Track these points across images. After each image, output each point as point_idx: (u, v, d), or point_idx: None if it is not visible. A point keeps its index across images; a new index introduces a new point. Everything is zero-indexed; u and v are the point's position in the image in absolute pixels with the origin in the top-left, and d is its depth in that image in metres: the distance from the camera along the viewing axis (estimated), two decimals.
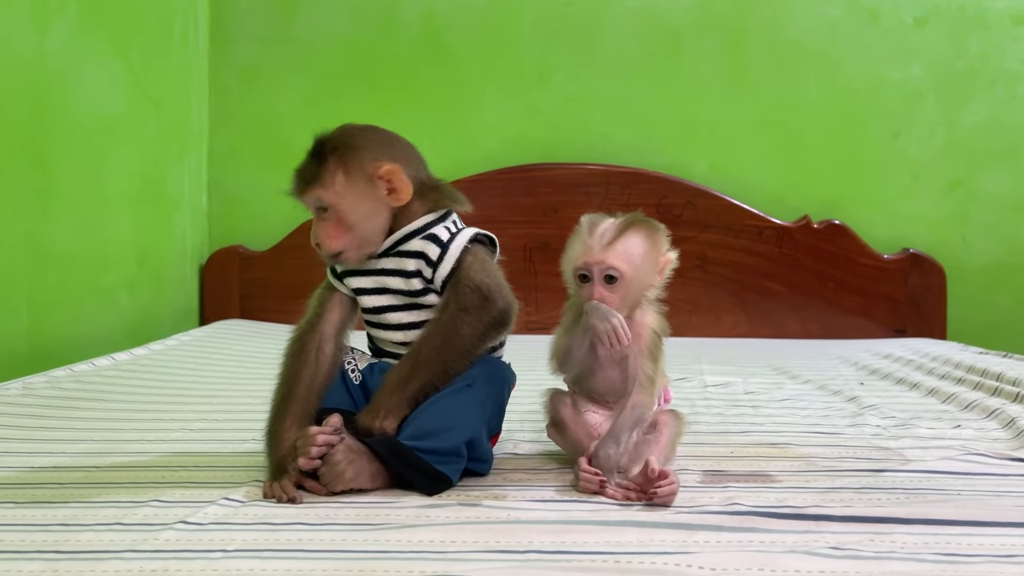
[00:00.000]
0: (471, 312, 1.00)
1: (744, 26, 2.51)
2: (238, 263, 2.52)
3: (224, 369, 1.81)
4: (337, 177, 1.02)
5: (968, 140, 2.48)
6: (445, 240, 1.03)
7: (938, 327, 2.42)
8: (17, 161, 1.78)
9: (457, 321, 1.00)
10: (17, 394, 1.44)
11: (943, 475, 1.00)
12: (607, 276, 1.00)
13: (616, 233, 1.01)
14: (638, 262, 1.01)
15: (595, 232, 1.01)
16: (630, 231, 1.01)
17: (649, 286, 1.04)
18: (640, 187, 2.46)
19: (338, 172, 1.02)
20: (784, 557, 0.73)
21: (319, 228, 1.03)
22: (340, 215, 1.02)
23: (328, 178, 1.02)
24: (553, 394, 1.08)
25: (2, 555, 0.76)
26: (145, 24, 2.24)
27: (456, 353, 1.00)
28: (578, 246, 1.02)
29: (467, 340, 1.00)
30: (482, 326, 1.01)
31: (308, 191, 1.03)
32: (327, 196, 1.02)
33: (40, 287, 1.84)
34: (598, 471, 0.94)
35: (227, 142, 2.58)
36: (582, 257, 1.00)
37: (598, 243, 1.00)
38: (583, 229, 1.03)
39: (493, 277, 1.03)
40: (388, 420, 0.97)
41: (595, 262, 1.00)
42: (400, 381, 0.99)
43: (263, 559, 0.74)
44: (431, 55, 2.54)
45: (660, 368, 1.04)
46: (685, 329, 2.39)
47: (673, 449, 1.04)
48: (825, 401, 1.50)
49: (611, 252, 1.00)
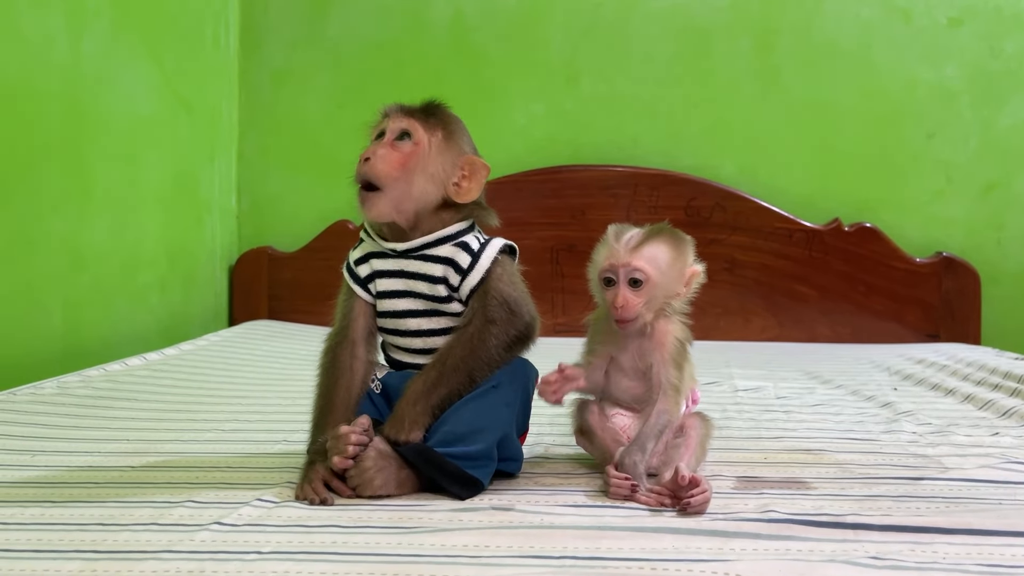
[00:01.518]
0: (498, 324, 1.00)
1: (775, 26, 2.49)
2: (267, 264, 2.54)
3: (254, 370, 1.82)
4: (438, 132, 1.03)
5: (1004, 142, 2.44)
6: (476, 249, 1.03)
7: (972, 332, 2.38)
8: (54, 163, 1.80)
9: (484, 332, 1.00)
10: (52, 393, 1.46)
11: (983, 483, 0.98)
12: (632, 279, 1.00)
13: (643, 239, 1.01)
14: (664, 267, 1.01)
15: (621, 238, 1.02)
16: (657, 238, 1.02)
17: (675, 294, 1.04)
18: (668, 189, 2.45)
19: (440, 131, 1.03)
20: (824, 566, 0.72)
21: (382, 150, 1.01)
22: (414, 157, 1.01)
23: (432, 126, 1.02)
24: (580, 403, 1.08)
25: (42, 554, 0.77)
26: (177, 27, 2.27)
27: (482, 364, 0.99)
28: (604, 251, 1.02)
29: (493, 352, 1.00)
30: (508, 339, 1.00)
31: (410, 119, 1.02)
32: (420, 135, 1.02)
33: (74, 287, 1.86)
34: (628, 475, 0.94)
35: (257, 144, 2.60)
36: (608, 259, 1.01)
37: (624, 247, 1.01)
38: (609, 236, 1.03)
39: (520, 291, 1.03)
40: (414, 432, 0.96)
41: (621, 264, 1.00)
42: (425, 390, 0.99)
43: (297, 561, 0.75)
44: (459, 57, 2.55)
45: (686, 375, 1.04)
46: (714, 332, 2.37)
47: (703, 452, 1.03)
48: (858, 407, 1.48)
49: (637, 255, 1.00)
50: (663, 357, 1.02)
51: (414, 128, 1.02)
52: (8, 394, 1.42)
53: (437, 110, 1.05)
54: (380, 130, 1.04)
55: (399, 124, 1.03)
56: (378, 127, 1.05)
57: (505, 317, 1.00)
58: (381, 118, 1.05)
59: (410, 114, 1.03)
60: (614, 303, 1.00)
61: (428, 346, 1.05)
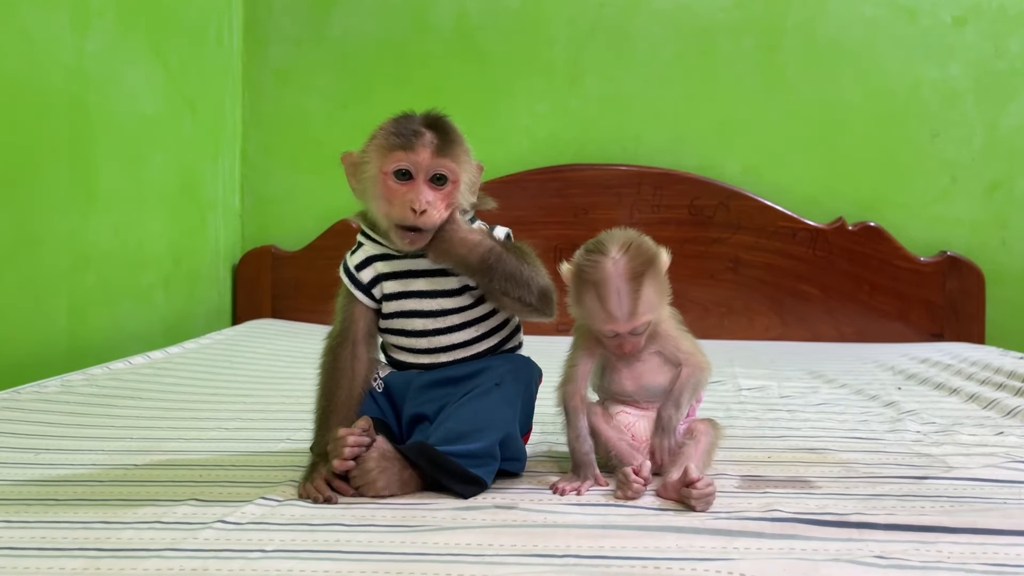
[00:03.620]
0: (529, 263, 1.03)
1: (780, 26, 2.49)
2: (270, 263, 2.54)
3: (257, 368, 1.82)
4: (460, 156, 1.02)
5: (1008, 141, 2.43)
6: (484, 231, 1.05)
7: (976, 331, 2.37)
8: (59, 162, 1.80)
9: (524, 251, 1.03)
10: (56, 391, 1.46)
11: (988, 483, 0.98)
12: (635, 332, 1.01)
13: (632, 295, 0.98)
14: (656, 304, 1.01)
15: (610, 298, 0.98)
16: (643, 283, 0.98)
17: (663, 312, 1.05)
18: (672, 188, 2.45)
19: (460, 154, 1.01)
20: (828, 565, 0.72)
21: (431, 196, 0.98)
22: (454, 194, 1.01)
23: (455, 154, 1.01)
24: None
25: (45, 552, 0.77)
26: (181, 26, 2.27)
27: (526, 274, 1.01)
28: (598, 314, 0.99)
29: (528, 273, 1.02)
30: (541, 282, 1.03)
31: (440, 158, 0.99)
32: (454, 172, 1.00)
33: (79, 286, 1.86)
34: (648, 479, 0.94)
35: (260, 143, 2.60)
36: (608, 325, 1.00)
37: (620, 311, 0.98)
38: (589, 289, 0.99)
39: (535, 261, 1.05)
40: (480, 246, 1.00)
41: (624, 330, 1.00)
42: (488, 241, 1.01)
43: (301, 559, 0.75)
44: (463, 56, 2.55)
45: (695, 343, 1.06)
46: (718, 331, 2.37)
47: (710, 458, 1.03)
48: (862, 406, 1.48)
49: (635, 318, 0.99)
50: (665, 342, 1.03)
51: (448, 169, 1.00)
52: (12, 392, 1.42)
53: (450, 134, 1.01)
54: (401, 166, 0.99)
55: (430, 164, 0.99)
56: (396, 160, 0.99)
57: (533, 262, 1.03)
58: (398, 150, 0.99)
59: (439, 152, 0.99)
60: (623, 348, 1.01)
61: (433, 346, 1.05)
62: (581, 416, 1.02)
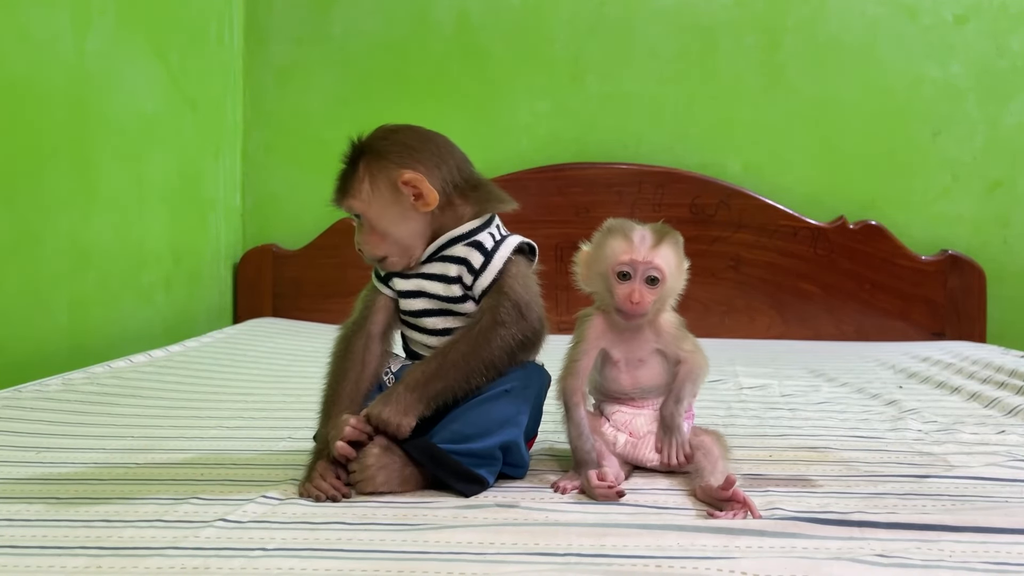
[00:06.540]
0: (506, 326, 0.99)
1: (781, 24, 2.48)
2: (271, 262, 2.54)
3: (258, 367, 1.82)
4: (364, 186, 1.02)
5: (1010, 140, 2.43)
6: (489, 248, 1.03)
7: (978, 330, 2.37)
8: (60, 161, 1.80)
9: (491, 333, 0.99)
10: (57, 390, 1.46)
11: (990, 482, 0.98)
12: (650, 277, 1.00)
13: (657, 239, 1.01)
14: (674, 268, 1.02)
15: (633, 234, 1.01)
16: (667, 239, 1.02)
17: (676, 293, 1.05)
18: (673, 187, 2.44)
19: (365, 180, 1.02)
20: (829, 564, 0.72)
21: (359, 234, 1.04)
22: (371, 223, 1.03)
23: (356, 187, 1.02)
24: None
25: (47, 550, 0.77)
26: (182, 25, 2.27)
27: (483, 364, 0.98)
28: (618, 245, 1.00)
29: (496, 353, 0.99)
30: (514, 343, 0.99)
31: (342, 200, 1.04)
32: (357, 205, 1.03)
33: (80, 284, 1.86)
34: (612, 483, 0.93)
35: (261, 141, 2.60)
36: (627, 254, 0.99)
37: (643, 244, 1.00)
38: (618, 230, 1.02)
39: (532, 293, 1.03)
40: (406, 418, 0.95)
41: (642, 262, 0.99)
42: (423, 379, 0.97)
43: (302, 558, 0.75)
44: (464, 54, 2.55)
45: (696, 342, 1.05)
46: (719, 330, 2.37)
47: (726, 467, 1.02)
48: (863, 405, 1.48)
49: (656, 254, 1.00)
50: (668, 340, 1.03)
51: (352, 204, 1.03)
52: (14, 391, 1.42)
53: (353, 160, 1.03)
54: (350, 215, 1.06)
55: (345, 209, 1.04)
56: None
57: (513, 319, 0.99)
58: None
59: (341, 193, 1.04)
60: (630, 297, 0.99)
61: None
62: (582, 412, 1.02)
